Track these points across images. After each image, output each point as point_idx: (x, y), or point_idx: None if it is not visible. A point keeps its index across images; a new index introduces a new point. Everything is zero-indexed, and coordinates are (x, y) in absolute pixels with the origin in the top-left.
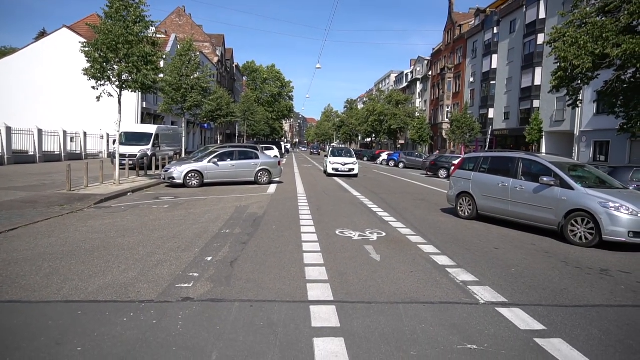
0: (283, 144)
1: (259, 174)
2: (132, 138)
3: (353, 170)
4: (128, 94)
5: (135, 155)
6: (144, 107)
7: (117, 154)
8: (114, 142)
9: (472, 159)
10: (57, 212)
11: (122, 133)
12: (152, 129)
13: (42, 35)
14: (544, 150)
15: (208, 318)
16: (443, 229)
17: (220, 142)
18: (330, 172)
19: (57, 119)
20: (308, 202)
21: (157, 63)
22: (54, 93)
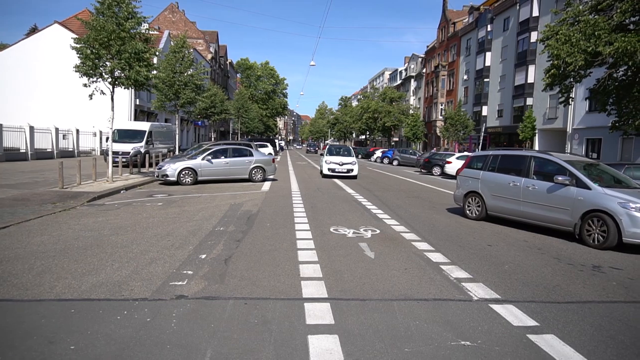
0: (277, 142)
1: (253, 172)
2: (125, 135)
3: (352, 171)
4: (121, 91)
5: (129, 153)
6: (137, 104)
7: (110, 152)
8: (107, 139)
9: (480, 157)
10: (49, 210)
11: (115, 130)
12: (145, 127)
13: (33, 31)
14: (537, 147)
15: (202, 316)
16: (437, 226)
17: (214, 139)
18: (326, 172)
19: (49, 116)
20: (302, 199)
21: (149, 60)
22: (46, 90)
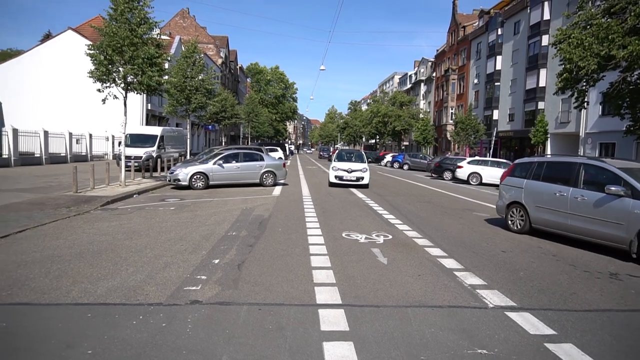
0: (287, 146)
1: (264, 176)
2: (137, 140)
3: (362, 180)
4: (133, 96)
5: (141, 157)
6: (149, 108)
7: (122, 156)
8: (120, 143)
9: (524, 165)
10: (64, 214)
11: (127, 135)
12: (157, 131)
13: (47, 38)
14: (549, 152)
15: (217, 321)
16: (449, 232)
17: (225, 143)
18: (333, 180)
19: (62, 121)
20: (313, 204)
21: (162, 65)
22: (60, 95)
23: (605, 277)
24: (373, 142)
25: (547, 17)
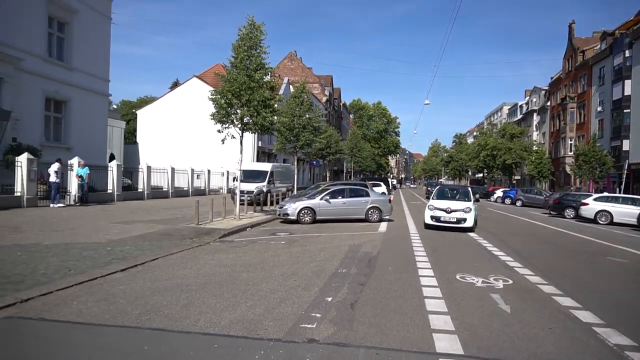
0: (390, 180)
1: (370, 212)
2: (249, 175)
3: (464, 222)
4: (247, 135)
5: (253, 192)
6: (259, 145)
7: (237, 191)
8: (234, 179)
9: None
10: (188, 244)
11: (241, 171)
12: (267, 167)
13: (175, 85)
14: None
15: None
16: (580, 278)
17: (329, 178)
18: (429, 222)
19: (185, 158)
20: (422, 242)
21: (274, 106)
22: (184, 135)
23: None
24: (480, 176)
25: None
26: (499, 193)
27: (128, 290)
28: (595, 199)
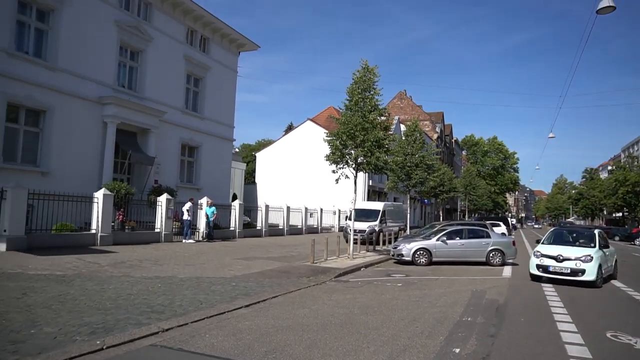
0: (509, 220)
1: (491, 255)
2: (361, 214)
3: (581, 274)
4: (359, 174)
5: (365, 231)
6: (370, 184)
7: (351, 230)
8: (346, 217)
9: None
10: (305, 283)
11: (353, 210)
12: (379, 206)
13: (290, 128)
14: None
15: None
16: None
17: (441, 217)
18: (534, 272)
19: (299, 197)
20: (555, 289)
21: (388, 146)
22: (298, 175)
23: None
24: (619, 215)
25: None
26: None
27: (253, 327)
28: None
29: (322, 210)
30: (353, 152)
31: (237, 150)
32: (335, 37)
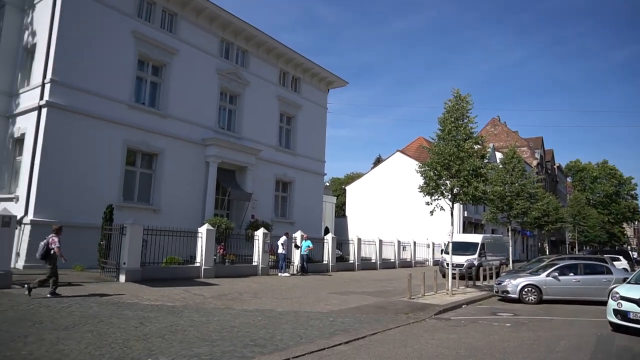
0: (631, 253)
1: None
2: (458, 247)
3: None
4: (455, 206)
5: (462, 265)
6: (465, 216)
7: (449, 264)
8: (441, 251)
9: None
10: (404, 320)
11: (450, 243)
12: (477, 239)
13: (378, 161)
14: None
15: None
16: None
17: (548, 251)
18: (612, 319)
19: (391, 230)
20: None
21: (486, 175)
22: (389, 207)
23: None
24: None
25: None
26: None
27: None
28: None
29: (415, 244)
30: (448, 182)
31: (327, 184)
32: (418, 68)
